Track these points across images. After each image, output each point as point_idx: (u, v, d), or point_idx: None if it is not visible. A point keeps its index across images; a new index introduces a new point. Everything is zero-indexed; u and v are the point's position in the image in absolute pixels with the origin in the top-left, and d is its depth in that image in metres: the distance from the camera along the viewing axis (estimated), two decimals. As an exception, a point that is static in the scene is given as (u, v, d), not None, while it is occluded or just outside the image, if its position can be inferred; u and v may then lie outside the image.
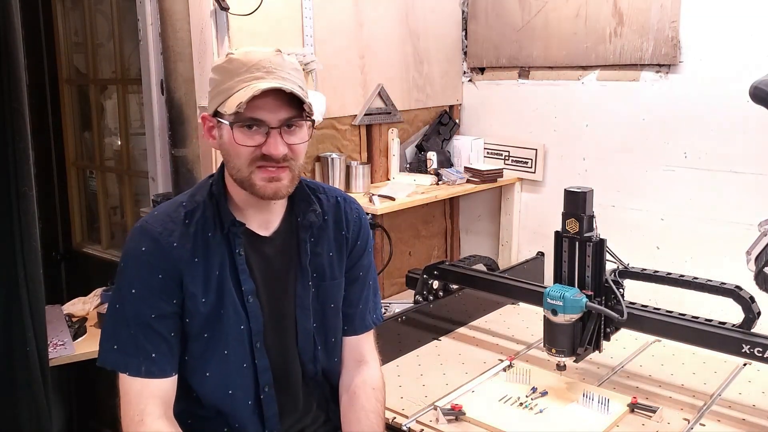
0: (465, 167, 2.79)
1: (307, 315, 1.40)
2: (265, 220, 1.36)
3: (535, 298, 1.99)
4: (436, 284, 2.29)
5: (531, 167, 2.81)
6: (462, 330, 2.33)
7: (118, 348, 1.27)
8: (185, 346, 1.32)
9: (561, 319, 1.76)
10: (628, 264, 1.88)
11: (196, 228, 1.30)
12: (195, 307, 1.29)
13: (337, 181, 2.44)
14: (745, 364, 1.98)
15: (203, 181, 1.40)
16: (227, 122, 1.24)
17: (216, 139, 1.31)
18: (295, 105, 1.25)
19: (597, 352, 1.86)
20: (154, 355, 1.27)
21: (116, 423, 1.29)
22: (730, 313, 1.76)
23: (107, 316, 1.32)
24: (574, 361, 1.85)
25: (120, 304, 1.28)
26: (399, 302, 2.52)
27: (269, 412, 1.36)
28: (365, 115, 2.61)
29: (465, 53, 2.99)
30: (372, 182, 2.62)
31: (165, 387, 1.28)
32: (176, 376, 1.31)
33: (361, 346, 1.50)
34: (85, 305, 2.47)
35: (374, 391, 1.46)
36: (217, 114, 1.27)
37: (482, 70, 2.96)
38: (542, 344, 1.88)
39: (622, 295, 1.81)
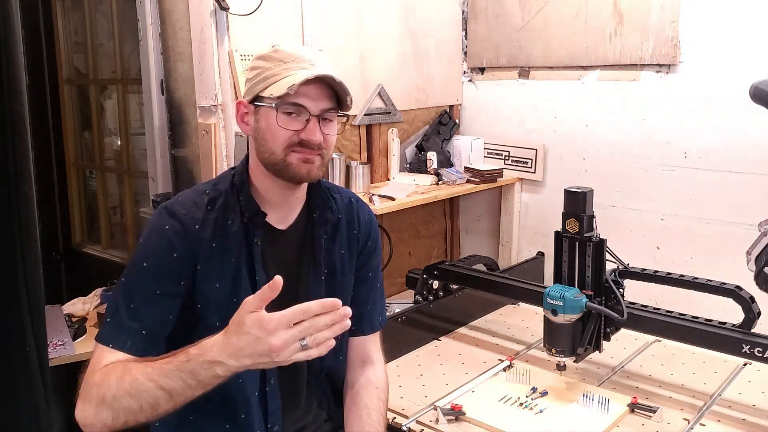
0: (465, 167, 2.79)
1: None
2: (283, 214, 1.39)
3: (535, 298, 1.99)
4: (436, 284, 2.29)
5: (531, 167, 2.81)
6: (462, 330, 2.33)
7: (111, 321, 1.27)
8: (198, 332, 1.33)
9: (561, 319, 1.76)
10: (628, 264, 1.88)
11: (217, 214, 1.34)
12: (209, 292, 1.31)
13: (337, 181, 2.44)
14: (745, 364, 1.98)
15: (225, 172, 1.44)
16: (272, 105, 1.28)
17: (250, 125, 1.34)
18: (334, 99, 1.31)
19: (597, 352, 1.86)
20: (144, 332, 1.26)
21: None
22: (730, 313, 1.76)
23: (115, 289, 1.33)
24: (574, 361, 1.85)
25: (127, 278, 1.30)
26: (399, 302, 2.52)
27: (273, 406, 1.37)
28: (365, 115, 2.61)
29: (465, 53, 2.99)
30: (372, 182, 2.62)
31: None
32: None
33: (367, 347, 1.52)
34: (85, 305, 2.47)
35: (377, 390, 1.47)
36: (256, 100, 1.31)
37: (482, 70, 2.96)
38: (542, 344, 1.88)
39: (622, 295, 1.81)
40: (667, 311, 1.82)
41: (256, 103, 1.31)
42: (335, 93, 1.30)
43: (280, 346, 1.03)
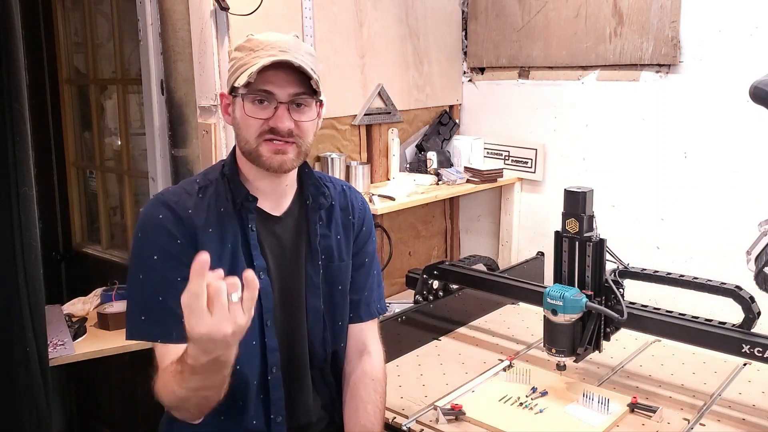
0: (465, 167, 2.79)
1: (317, 294, 1.43)
2: (275, 201, 1.40)
3: (535, 298, 1.99)
4: (436, 284, 2.29)
5: (531, 167, 2.81)
6: (462, 330, 2.33)
7: (147, 318, 1.29)
8: None
9: (561, 319, 1.76)
10: (628, 264, 1.88)
11: (209, 201, 1.34)
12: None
13: (337, 181, 2.44)
14: (745, 364, 1.98)
15: (216, 164, 1.45)
16: (240, 94, 1.29)
17: (230, 115, 1.36)
18: (305, 83, 1.30)
19: (597, 352, 1.86)
20: (183, 320, 1.28)
21: (116, 423, 1.29)
22: (730, 313, 1.76)
23: (131, 288, 1.33)
24: (574, 361, 1.85)
25: (144, 274, 1.30)
26: (399, 302, 2.52)
27: (275, 395, 1.36)
28: (365, 115, 2.61)
29: (465, 53, 2.99)
30: (372, 182, 2.62)
31: None
32: None
33: (365, 335, 1.52)
34: (85, 305, 2.47)
35: (373, 382, 1.47)
36: (233, 90, 1.32)
37: (482, 70, 2.96)
38: (542, 344, 1.88)
39: (622, 295, 1.81)
40: (667, 311, 1.82)
41: (233, 94, 1.32)
42: (308, 78, 1.29)
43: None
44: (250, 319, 1.00)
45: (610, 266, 1.85)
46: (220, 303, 0.97)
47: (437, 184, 2.69)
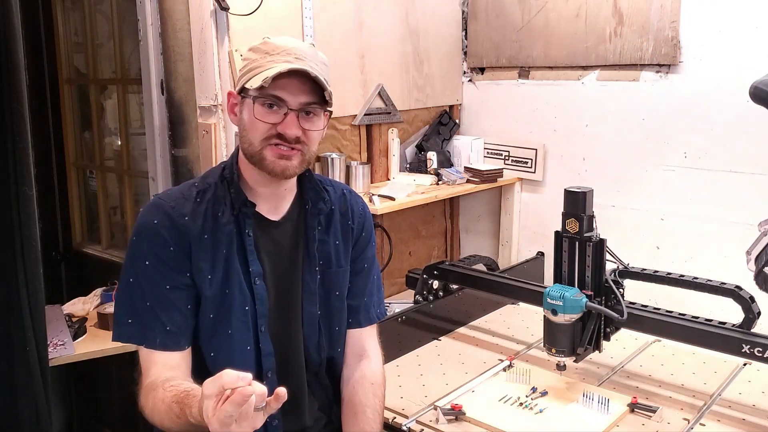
0: (465, 167, 2.79)
1: (313, 300, 1.42)
2: (274, 205, 1.40)
3: (535, 298, 1.99)
4: (436, 284, 2.29)
5: (531, 167, 2.81)
6: (462, 330, 2.33)
7: (134, 321, 1.30)
8: (197, 322, 1.34)
9: (561, 319, 1.76)
10: (628, 264, 1.88)
11: (206, 206, 1.34)
12: (202, 283, 1.31)
13: (337, 181, 2.44)
14: (745, 364, 1.98)
15: (216, 166, 1.45)
16: (251, 96, 1.29)
17: (237, 115, 1.35)
18: (317, 93, 1.30)
19: (597, 352, 1.86)
20: (168, 327, 1.29)
21: (116, 423, 1.29)
22: (730, 313, 1.76)
23: (120, 290, 1.34)
24: (574, 361, 1.85)
25: (134, 278, 1.30)
26: (399, 302, 2.52)
27: None
28: (365, 115, 2.61)
29: (465, 53, 2.99)
30: (372, 182, 2.62)
31: (178, 360, 1.30)
32: (190, 348, 1.33)
33: (364, 340, 1.52)
34: (85, 305, 2.47)
35: (372, 386, 1.47)
36: (242, 91, 1.32)
37: (482, 70, 2.96)
38: (542, 344, 1.88)
39: (622, 295, 1.81)
40: (667, 311, 1.82)
41: (242, 94, 1.32)
42: (320, 88, 1.29)
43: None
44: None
45: (610, 266, 1.85)
46: (247, 415, 0.96)
47: (437, 184, 2.69)
